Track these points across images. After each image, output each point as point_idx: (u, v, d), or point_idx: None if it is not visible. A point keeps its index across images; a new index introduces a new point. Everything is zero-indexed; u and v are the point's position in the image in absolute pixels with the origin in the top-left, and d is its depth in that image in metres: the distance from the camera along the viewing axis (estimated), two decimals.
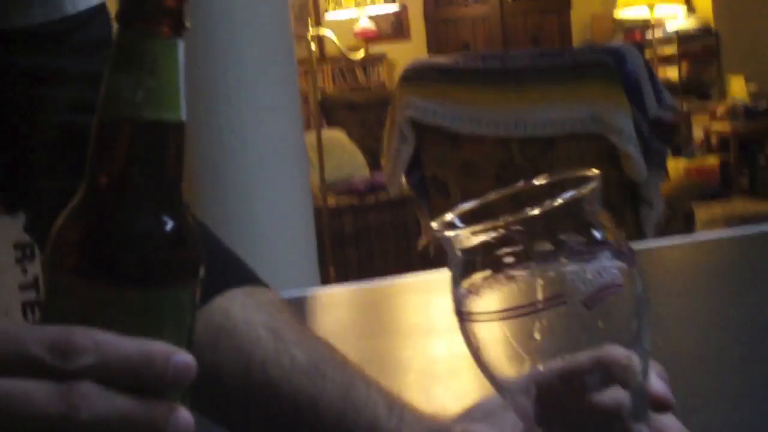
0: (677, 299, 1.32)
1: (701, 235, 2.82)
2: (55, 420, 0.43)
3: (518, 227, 0.52)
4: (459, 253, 0.54)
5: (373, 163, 5.30)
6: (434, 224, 0.55)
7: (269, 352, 0.71)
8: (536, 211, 0.51)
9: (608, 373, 0.54)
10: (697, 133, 7.66)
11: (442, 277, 0.61)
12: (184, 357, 0.45)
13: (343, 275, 4.50)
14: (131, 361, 0.44)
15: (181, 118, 0.48)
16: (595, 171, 0.54)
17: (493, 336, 0.53)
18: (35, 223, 0.79)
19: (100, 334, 0.44)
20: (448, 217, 0.56)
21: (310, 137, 4.38)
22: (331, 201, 4.69)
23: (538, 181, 0.57)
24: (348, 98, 7.31)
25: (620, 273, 0.53)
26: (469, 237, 0.53)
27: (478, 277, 0.53)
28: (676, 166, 6.80)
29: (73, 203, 0.48)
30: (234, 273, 0.78)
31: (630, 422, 0.55)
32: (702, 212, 6.30)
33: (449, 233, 0.54)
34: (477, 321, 0.54)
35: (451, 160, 3.34)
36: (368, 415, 0.67)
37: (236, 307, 0.74)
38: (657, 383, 0.58)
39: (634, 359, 0.54)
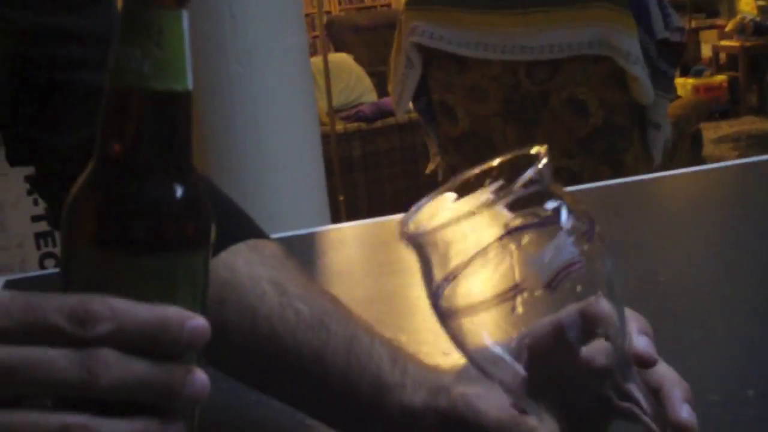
0: (684, 230, 1.33)
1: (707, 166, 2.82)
2: (76, 385, 0.45)
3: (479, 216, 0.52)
4: (427, 250, 0.55)
5: (380, 85, 5.28)
6: (401, 225, 0.56)
7: (274, 306, 0.73)
8: (495, 196, 0.52)
9: (592, 327, 0.56)
10: (706, 52, 7.60)
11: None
12: (198, 321, 0.47)
13: (351, 201, 4.52)
14: (147, 327, 0.46)
15: (188, 88, 0.49)
16: (543, 148, 0.55)
17: (475, 326, 0.55)
18: (43, 177, 0.80)
19: (117, 302, 0.46)
20: (413, 214, 0.57)
21: (317, 62, 4.37)
22: (339, 126, 4.69)
23: (489, 165, 0.58)
24: (354, 20, 7.25)
25: (578, 249, 0.53)
26: (435, 232, 0.54)
27: (444, 272, 0.54)
28: (684, 84, 6.77)
29: (86, 173, 0.50)
30: (238, 227, 0.79)
31: (620, 381, 0.57)
32: (710, 131, 6.28)
33: (415, 230, 0.55)
34: (455, 318, 0.55)
35: (458, 85, 3.33)
36: (372, 368, 0.69)
37: (241, 261, 0.76)
38: (640, 340, 0.59)
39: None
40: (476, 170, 0.58)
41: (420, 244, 0.55)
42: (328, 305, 0.73)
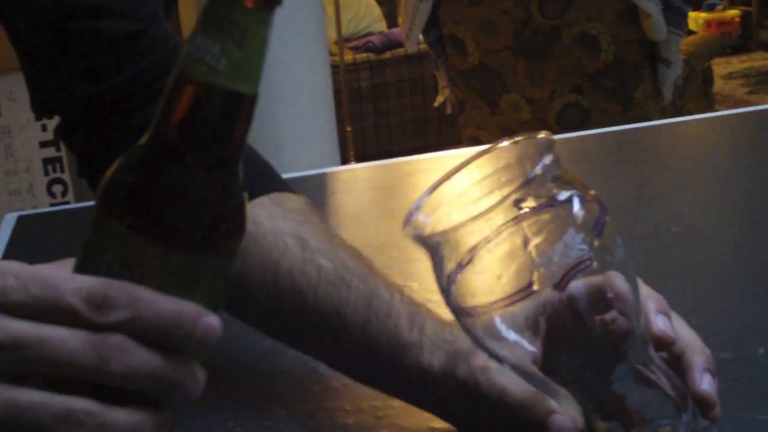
0: (697, 178, 1.32)
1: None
2: (86, 369, 0.46)
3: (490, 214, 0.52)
4: (437, 246, 0.55)
5: (390, 15, 5.23)
6: (405, 222, 0.56)
7: (296, 261, 0.74)
8: (507, 194, 0.52)
9: (606, 300, 0.56)
10: None
11: (459, 156, 0.62)
12: (211, 320, 0.47)
13: (359, 132, 4.51)
14: (162, 320, 0.46)
15: (256, 92, 0.49)
16: (547, 133, 0.55)
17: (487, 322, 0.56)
18: (69, 127, 0.80)
19: (136, 290, 0.46)
20: (416, 213, 0.57)
21: None
22: (348, 57, 4.66)
23: (494, 149, 0.58)
24: None
25: (588, 246, 0.53)
26: (447, 229, 0.54)
27: (453, 265, 0.55)
28: (696, 18, 6.70)
29: (134, 151, 0.49)
30: (262, 179, 0.80)
31: (636, 359, 0.57)
32: (720, 67, 6.23)
33: (424, 228, 0.55)
34: (469, 316, 0.56)
35: (469, 18, 3.30)
36: (390, 326, 0.70)
37: (264, 215, 0.76)
38: (658, 320, 0.60)
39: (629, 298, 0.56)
40: (476, 156, 0.58)
41: (428, 243, 0.56)
42: (349, 260, 0.74)
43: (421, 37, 3.49)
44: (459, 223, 0.53)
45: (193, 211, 0.48)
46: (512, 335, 0.56)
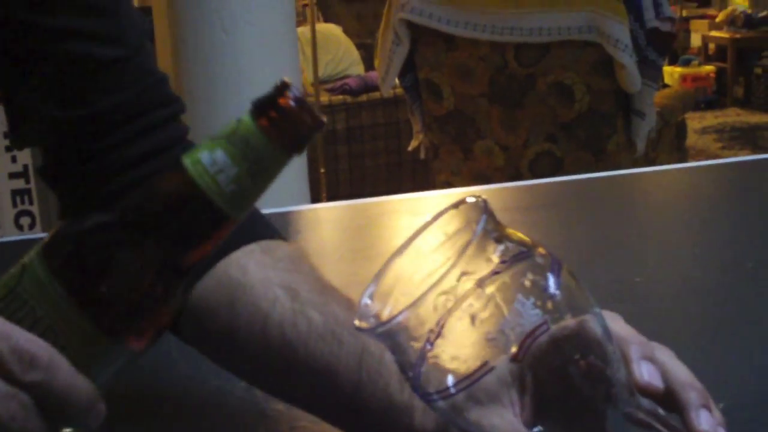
0: (664, 228, 1.31)
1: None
2: None
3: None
4: (395, 335, 0.53)
5: (368, 58, 5.24)
6: (359, 323, 0.54)
7: (286, 313, 0.71)
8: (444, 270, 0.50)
9: (586, 346, 0.54)
10: (695, 41, 7.59)
11: (432, 198, 0.60)
12: (102, 407, 0.50)
13: (333, 174, 4.49)
14: (67, 395, 0.48)
15: (240, 220, 0.50)
16: (481, 197, 0.53)
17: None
18: (49, 166, 0.78)
19: (58, 358, 0.48)
20: (366, 304, 0.55)
21: (305, 31, 4.33)
22: (324, 98, 4.66)
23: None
24: None
25: (540, 309, 0.51)
26: (398, 321, 0.52)
27: (418, 356, 0.53)
28: (671, 72, 6.76)
29: (102, 218, 0.49)
30: (252, 226, 0.76)
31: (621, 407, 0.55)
32: (695, 121, 6.29)
33: (377, 318, 0.53)
34: (437, 400, 0.54)
35: (445, 63, 3.31)
36: (381, 386, 0.67)
37: (253, 263, 0.74)
38: (642, 368, 0.57)
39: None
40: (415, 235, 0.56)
41: (383, 334, 0.53)
42: (340, 313, 0.71)
43: (397, 81, 3.49)
44: (410, 312, 0.51)
45: (137, 306, 0.48)
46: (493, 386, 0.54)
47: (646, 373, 0.56)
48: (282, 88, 0.48)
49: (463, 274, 0.50)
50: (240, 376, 0.77)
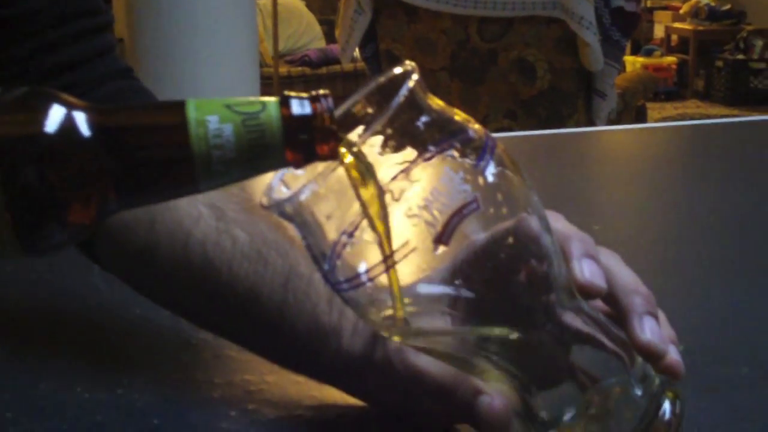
0: (623, 185, 1.28)
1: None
2: None
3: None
4: (309, 217, 0.46)
5: (330, 34, 5.19)
6: (265, 201, 0.47)
7: (210, 231, 0.66)
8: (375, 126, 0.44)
9: (523, 248, 0.48)
10: (658, 32, 7.61)
11: None
12: None
13: None
14: None
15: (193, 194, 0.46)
16: (410, 62, 0.47)
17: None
18: None
19: None
20: (277, 187, 0.48)
21: (267, 4, 4.27)
22: (283, 70, 4.60)
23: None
24: None
25: (470, 185, 0.45)
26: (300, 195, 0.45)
27: (334, 238, 0.46)
28: (633, 62, 6.77)
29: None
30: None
31: (560, 310, 0.49)
32: (654, 111, 6.30)
33: (290, 197, 0.46)
34: (350, 288, 0.47)
35: (407, 35, 3.26)
36: (308, 308, 0.62)
37: None
38: (584, 265, 0.51)
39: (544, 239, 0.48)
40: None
41: (291, 212, 0.47)
42: (269, 233, 0.66)
43: (357, 52, 3.43)
44: (320, 183, 0.45)
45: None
46: (425, 289, 0.48)
47: (587, 271, 0.50)
48: (321, 111, 0.43)
49: (386, 145, 0.44)
50: (161, 304, 0.71)
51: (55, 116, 0.42)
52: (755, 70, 6.84)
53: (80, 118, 0.42)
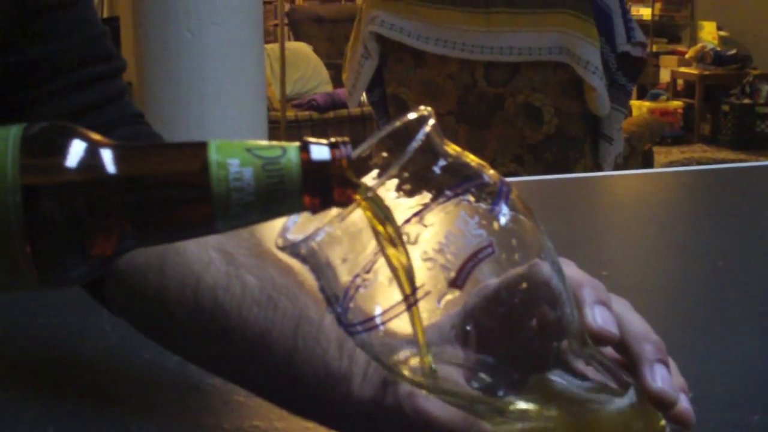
0: (631, 230, 1.28)
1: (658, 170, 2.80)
2: None
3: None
4: (324, 261, 0.46)
5: (338, 79, 5.22)
6: (280, 241, 0.47)
7: (220, 276, 0.66)
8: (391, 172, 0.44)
9: (536, 294, 0.48)
10: (664, 76, 7.64)
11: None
12: None
13: None
14: None
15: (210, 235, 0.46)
16: (427, 108, 0.47)
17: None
18: None
19: None
20: (292, 229, 0.48)
21: (275, 48, 4.29)
22: (290, 113, 4.62)
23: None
24: (316, 12, 7.18)
25: (485, 230, 0.45)
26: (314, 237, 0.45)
27: (348, 280, 0.46)
28: (639, 106, 6.79)
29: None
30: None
31: (571, 357, 0.49)
32: (661, 155, 6.31)
33: (305, 239, 0.45)
34: (363, 331, 0.47)
35: (414, 80, 3.28)
36: (318, 353, 0.62)
37: None
38: (596, 312, 0.50)
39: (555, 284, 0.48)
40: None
41: (305, 254, 0.46)
42: (278, 277, 0.66)
43: (364, 96, 3.45)
44: (336, 225, 0.44)
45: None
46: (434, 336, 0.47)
47: (600, 318, 0.50)
48: (340, 158, 0.43)
49: (401, 189, 0.44)
50: (171, 349, 0.71)
51: (77, 151, 0.43)
52: (761, 115, 6.85)
53: (104, 154, 0.43)
